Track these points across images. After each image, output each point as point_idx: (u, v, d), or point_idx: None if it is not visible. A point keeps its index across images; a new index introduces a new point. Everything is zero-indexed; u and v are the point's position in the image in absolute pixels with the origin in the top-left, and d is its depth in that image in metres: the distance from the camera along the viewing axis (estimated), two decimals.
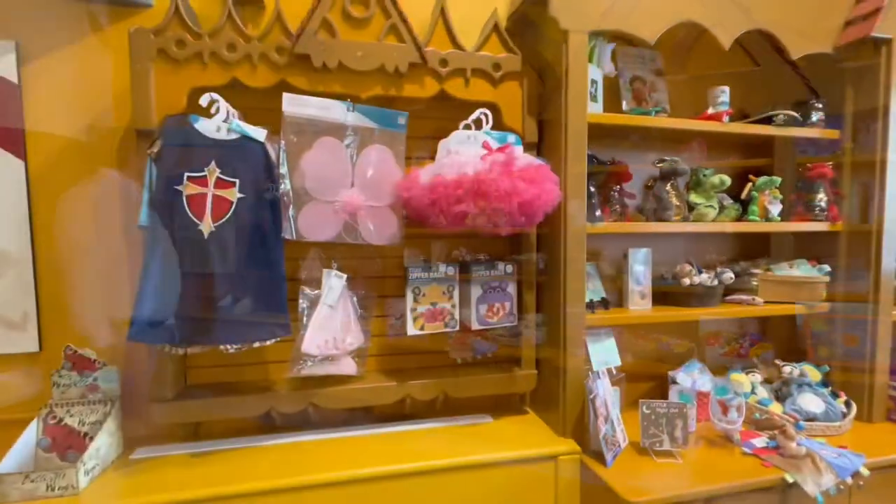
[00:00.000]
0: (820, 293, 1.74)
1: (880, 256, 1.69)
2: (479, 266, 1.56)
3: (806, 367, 1.83)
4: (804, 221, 1.78)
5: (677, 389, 1.69)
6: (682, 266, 1.71)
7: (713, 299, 1.72)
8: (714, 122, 1.63)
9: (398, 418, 1.66)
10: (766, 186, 1.71)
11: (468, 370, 1.67)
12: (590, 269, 1.71)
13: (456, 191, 1.27)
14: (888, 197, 1.68)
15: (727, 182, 1.69)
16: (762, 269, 1.85)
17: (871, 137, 1.69)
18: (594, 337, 1.68)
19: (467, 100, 1.56)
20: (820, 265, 1.80)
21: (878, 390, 1.72)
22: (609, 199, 1.67)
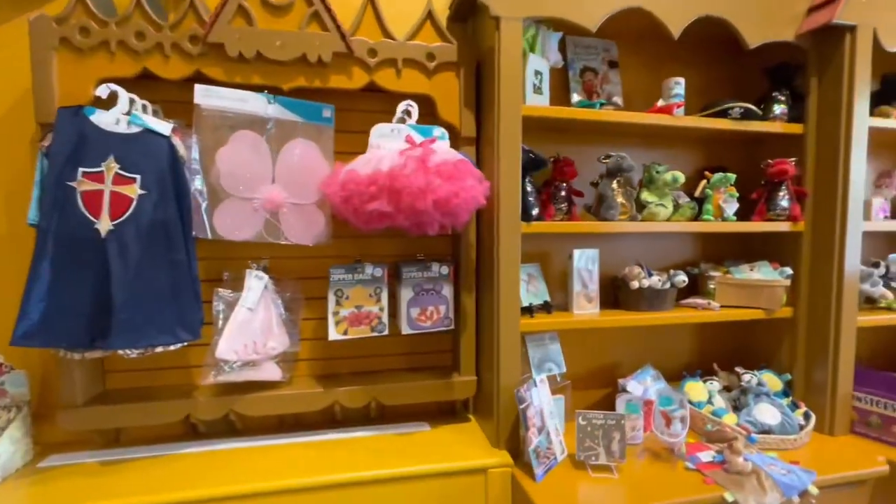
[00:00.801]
0: (779, 297, 1.64)
1: (843, 259, 1.59)
2: (410, 267, 1.48)
3: (767, 374, 1.73)
4: (765, 221, 1.68)
5: (625, 399, 1.60)
6: (631, 268, 1.62)
7: (665, 303, 1.63)
8: (663, 116, 1.53)
9: (332, 426, 1.59)
10: (721, 184, 1.61)
11: (402, 376, 1.59)
12: (533, 271, 1.62)
13: (368, 188, 1.19)
14: (851, 195, 1.57)
15: (680, 179, 1.59)
16: (721, 271, 1.75)
17: (835, 132, 1.58)
18: (536, 342, 1.60)
19: (400, 92, 1.48)
20: (782, 268, 1.70)
21: (840, 401, 1.62)
22: (554, 196, 1.58)
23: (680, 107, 1.54)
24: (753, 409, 1.59)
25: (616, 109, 1.61)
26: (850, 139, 1.56)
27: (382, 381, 1.56)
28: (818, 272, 1.65)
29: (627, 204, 1.55)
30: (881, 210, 1.67)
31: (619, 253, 1.79)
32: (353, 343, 1.55)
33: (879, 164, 2.03)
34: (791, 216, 1.65)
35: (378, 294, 1.45)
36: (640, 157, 1.76)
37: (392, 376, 1.59)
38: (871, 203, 1.66)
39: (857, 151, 1.56)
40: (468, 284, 1.59)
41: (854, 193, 1.57)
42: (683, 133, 1.76)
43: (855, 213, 1.58)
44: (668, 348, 1.92)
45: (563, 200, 1.59)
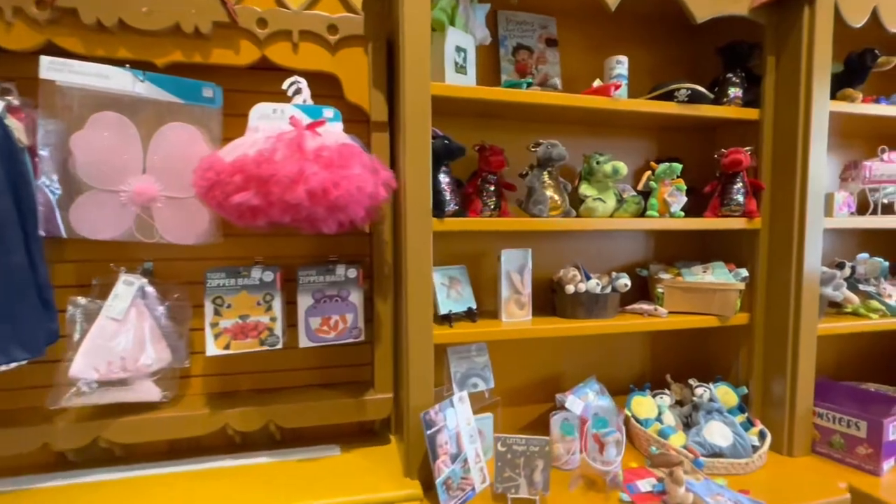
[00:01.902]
0: (733, 303, 1.47)
1: (802, 259, 1.42)
2: (308, 270, 1.29)
3: (722, 388, 1.57)
4: (718, 218, 1.51)
5: (561, 417, 1.42)
6: (566, 270, 1.44)
7: (606, 310, 1.45)
8: (600, 99, 1.35)
9: (233, 450, 1.40)
10: (666, 175, 1.44)
11: (308, 394, 1.40)
12: (457, 274, 1.44)
13: (232, 177, 1.00)
14: (810, 188, 1.41)
15: (621, 170, 1.42)
16: (672, 273, 1.58)
17: (793, 117, 1.42)
18: (460, 355, 1.42)
19: (299, 70, 1.30)
20: (738, 270, 1.53)
21: (799, 418, 1.46)
22: (482, 190, 1.40)
23: (618, 88, 1.37)
24: (704, 429, 1.42)
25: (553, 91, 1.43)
26: (808, 126, 1.39)
27: (283, 400, 1.37)
28: (776, 274, 1.49)
29: (559, 198, 1.37)
30: (845, 205, 1.51)
31: (559, 253, 1.62)
32: (256, 357, 1.37)
33: (848, 154, 1.87)
34: (746, 212, 1.48)
35: (269, 301, 1.26)
36: (584, 147, 1.59)
37: (295, 395, 1.40)
38: (832, 197, 1.49)
39: (816, 139, 1.40)
40: (383, 290, 1.40)
41: (814, 186, 1.41)
42: (631, 120, 1.59)
43: (815, 208, 1.41)
44: (617, 358, 1.75)
45: (492, 194, 1.41)
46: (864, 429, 1.36)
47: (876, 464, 1.34)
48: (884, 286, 1.67)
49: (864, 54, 1.44)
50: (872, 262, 1.78)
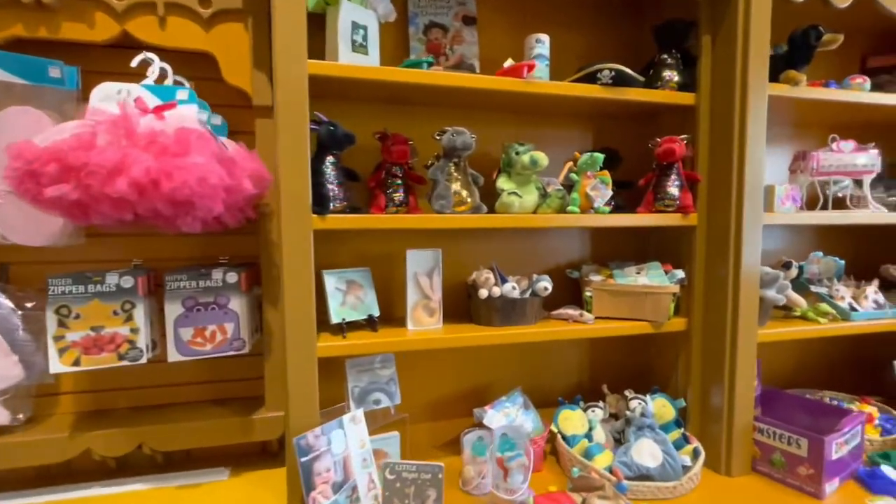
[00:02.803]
0: (665, 307, 1.33)
1: (739, 259, 1.29)
2: (178, 276, 1.14)
3: (659, 400, 1.43)
4: (652, 213, 1.37)
5: (475, 436, 1.28)
6: (479, 273, 1.30)
7: (525, 316, 1.31)
8: (512, 81, 1.21)
9: (111, 474, 1.25)
10: (588, 167, 1.30)
11: (188, 413, 1.26)
12: (358, 278, 1.29)
13: (45, 166, 0.85)
14: (748, 181, 1.27)
15: (540, 161, 1.27)
16: (604, 274, 1.44)
17: (728, 102, 1.28)
18: (360, 368, 1.27)
19: (169, 47, 1.15)
20: (674, 271, 1.39)
21: (738, 434, 1.32)
22: (387, 183, 1.26)
23: (532, 69, 1.22)
24: (632, 447, 1.29)
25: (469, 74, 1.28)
26: (745, 111, 1.26)
27: (160, 419, 1.22)
28: (714, 276, 1.35)
29: (467, 192, 1.22)
30: (788, 198, 1.38)
31: (479, 254, 1.47)
32: (136, 371, 1.22)
33: (806, 145, 1.74)
34: (681, 207, 1.34)
35: (128, 311, 1.10)
36: (512, 137, 1.44)
37: (175, 414, 1.25)
38: (773, 190, 1.36)
39: (754, 126, 1.26)
40: (272, 296, 1.26)
41: (751, 179, 1.27)
42: (561, 106, 1.44)
43: (753, 202, 1.28)
44: (552, 367, 1.61)
45: (398, 189, 1.26)
46: (805, 447, 1.23)
47: (817, 486, 1.21)
48: (836, 287, 1.54)
49: (807, 32, 1.30)
50: (827, 262, 1.66)
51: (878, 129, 1.87)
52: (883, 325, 1.48)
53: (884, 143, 1.89)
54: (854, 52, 1.86)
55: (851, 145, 1.41)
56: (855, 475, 1.30)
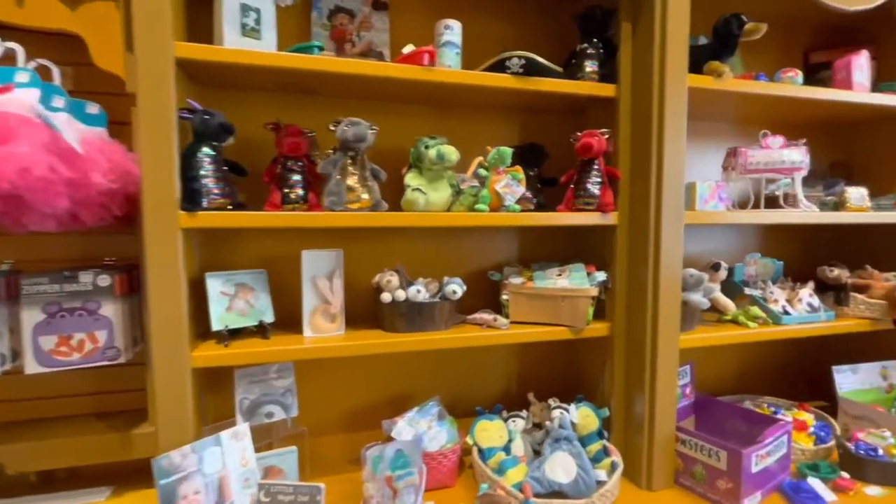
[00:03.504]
0: (583, 311, 1.26)
1: (659, 260, 1.22)
2: (38, 279, 1.03)
3: (583, 409, 1.35)
4: (572, 212, 1.30)
5: (376, 451, 1.19)
6: (382, 275, 1.21)
7: (433, 321, 1.22)
8: (414, 69, 1.12)
9: None
10: (497, 162, 1.22)
11: (56, 429, 1.15)
12: (248, 280, 1.19)
13: None
14: (667, 177, 1.20)
15: (449, 156, 1.19)
16: (525, 276, 1.36)
17: (647, 94, 1.21)
18: (252, 378, 1.18)
19: (29, 27, 1.04)
20: (597, 273, 1.32)
21: (660, 445, 1.25)
22: (283, 178, 1.17)
23: (433, 55, 1.13)
24: (547, 461, 1.21)
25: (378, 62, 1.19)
26: (663, 103, 1.19)
27: (21, 437, 1.11)
28: (636, 278, 1.28)
29: (363, 188, 1.13)
30: (714, 196, 1.31)
31: (393, 255, 1.38)
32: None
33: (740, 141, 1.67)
34: (600, 205, 1.27)
35: None
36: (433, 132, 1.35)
37: (42, 430, 1.15)
38: (695, 188, 1.29)
39: (673, 119, 1.19)
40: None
41: (671, 175, 1.20)
42: (480, 99, 1.36)
43: (672, 200, 1.21)
44: (478, 374, 1.53)
45: (297, 184, 1.17)
46: (724, 459, 1.16)
47: (736, 501, 1.14)
48: (771, 290, 1.48)
49: (728, 21, 1.24)
50: (764, 263, 1.60)
51: (823, 127, 1.83)
52: (815, 329, 1.42)
53: (828, 140, 1.85)
54: (796, 47, 1.81)
55: (780, 141, 1.35)
56: (780, 488, 1.24)
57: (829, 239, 1.86)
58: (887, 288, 1.47)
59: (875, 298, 1.49)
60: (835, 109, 1.57)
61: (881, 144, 1.75)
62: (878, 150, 1.75)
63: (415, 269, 1.37)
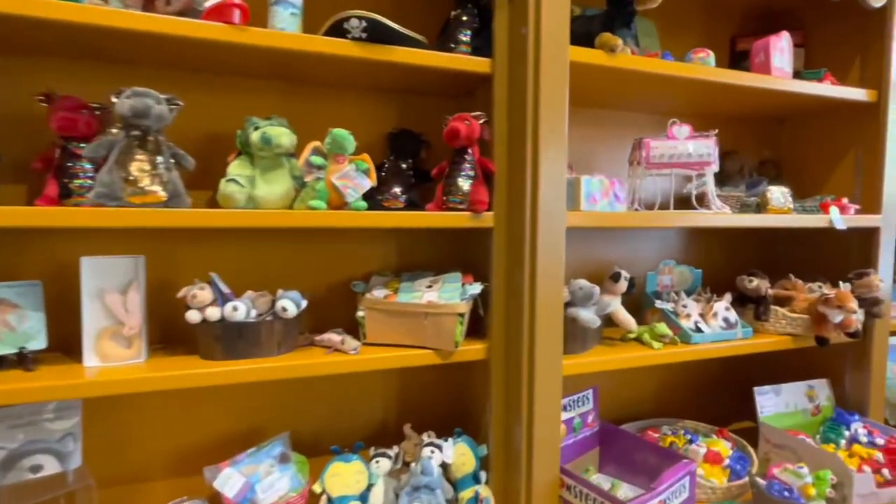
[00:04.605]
0: (449, 331, 1.04)
1: (535, 270, 1.01)
2: None
3: (461, 446, 1.14)
4: (441, 211, 1.08)
5: None
6: (189, 289, 0.97)
7: (259, 346, 0.99)
8: (205, 25, 0.88)
9: None
10: (336, 150, 0.99)
11: None
12: (9, 295, 0.93)
13: None
14: (544, 170, 1.00)
15: (277, 140, 0.96)
16: (391, 288, 1.14)
17: (522, 71, 1.01)
18: (14, 422, 0.92)
19: None
20: (473, 284, 1.11)
21: (540, 491, 1.04)
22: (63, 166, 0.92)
23: (244, 11, 0.90)
24: None
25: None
26: (539, 81, 0.98)
27: None
28: (513, 290, 1.07)
29: (153, 178, 0.89)
30: (607, 194, 1.11)
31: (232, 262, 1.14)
32: None
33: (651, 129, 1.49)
34: (472, 203, 1.06)
35: None
36: (281, 114, 1.12)
37: None
38: (579, 184, 1.09)
39: (550, 100, 0.99)
40: None
41: (549, 168, 1.00)
42: (344, 75, 1.13)
43: (552, 199, 1.00)
44: (347, 401, 1.29)
45: (82, 173, 0.93)
46: None
47: None
48: (684, 303, 1.30)
49: None
50: (681, 272, 1.42)
51: (753, 121, 1.68)
52: (728, 348, 1.24)
53: (759, 136, 1.70)
54: (723, 33, 1.66)
55: (686, 131, 1.16)
56: None
57: (756, 245, 1.71)
58: (810, 301, 1.30)
59: (798, 312, 1.32)
60: (758, 99, 1.40)
61: (811, 141, 1.60)
62: (808, 146, 1.61)
63: (257, 279, 1.14)
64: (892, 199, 1.37)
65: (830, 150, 1.53)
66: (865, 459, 1.26)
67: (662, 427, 1.48)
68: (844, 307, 1.22)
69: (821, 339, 1.28)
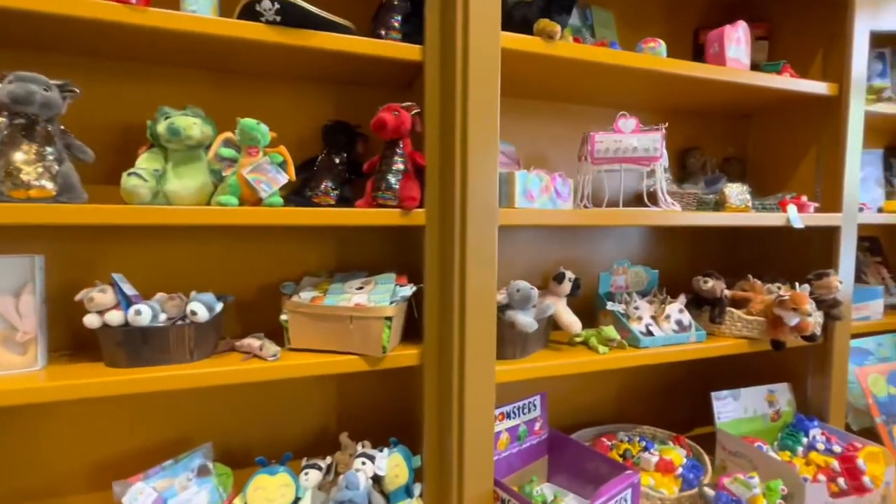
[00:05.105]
0: (376, 336, 0.98)
1: (465, 273, 0.95)
2: None
3: (395, 457, 1.08)
4: (372, 207, 1.01)
5: None
6: (87, 291, 0.90)
7: (167, 352, 0.92)
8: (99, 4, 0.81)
9: None
10: (248, 141, 0.92)
11: None
12: None
13: None
14: (472, 164, 0.94)
15: (185, 132, 0.89)
16: (320, 290, 1.07)
17: (451, 58, 0.94)
18: None
19: None
20: (407, 286, 1.04)
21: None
22: None
23: None
24: None
25: None
26: (467, 69, 0.92)
27: None
28: (446, 293, 1.01)
29: (39, 170, 0.82)
30: (546, 191, 1.04)
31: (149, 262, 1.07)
32: None
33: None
34: (401, 199, 0.99)
35: None
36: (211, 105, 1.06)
37: None
38: (513, 179, 1.02)
39: (479, 89, 0.92)
40: None
41: (478, 162, 0.94)
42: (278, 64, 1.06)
43: (481, 194, 0.94)
44: (285, 408, 1.23)
45: None
46: None
47: None
48: (636, 304, 1.24)
49: None
50: (636, 272, 1.36)
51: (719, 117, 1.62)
52: (680, 352, 1.18)
53: (724, 133, 1.65)
54: (687, 25, 1.60)
55: (633, 124, 1.10)
56: None
57: (721, 245, 1.65)
58: (767, 303, 1.25)
59: (755, 314, 1.27)
60: (717, 92, 1.35)
61: (776, 137, 1.54)
62: (773, 143, 1.55)
63: (181, 280, 1.08)
64: (852, 198, 1.32)
65: (794, 147, 1.48)
66: (822, 468, 1.22)
67: (619, 433, 1.43)
68: (799, 309, 1.16)
69: (776, 343, 1.23)
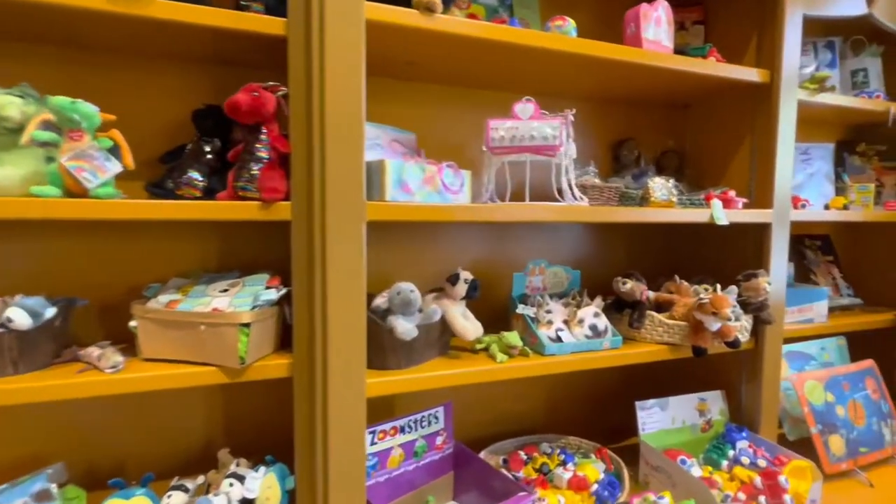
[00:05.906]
0: (231, 345, 0.87)
1: (326, 274, 0.84)
2: None
3: (269, 476, 0.97)
4: (231, 200, 0.91)
5: None
6: None
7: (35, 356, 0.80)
8: None
9: None
10: (67, 123, 0.81)
11: None
12: None
13: None
14: (330, 151, 0.83)
15: (4, 113, 0.79)
16: (181, 293, 0.96)
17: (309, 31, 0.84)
18: None
19: None
20: (279, 287, 0.94)
21: None
22: None
23: None
24: None
25: None
26: (324, 44, 0.81)
27: None
28: (312, 295, 0.91)
29: None
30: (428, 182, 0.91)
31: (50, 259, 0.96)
32: None
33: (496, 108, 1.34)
34: (261, 191, 0.88)
35: None
36: (62, 85, 0.94)
37: None
38: (384, 168, 0.91)
39: (337, 68, 0.82)
40: None
41: (339, 148, 0.83)
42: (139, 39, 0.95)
43: (344, 186, 0.84)
44: (164, 420, 1.11)
45: None
46: None
47: None
48: (548, 308, 1.14)
49: None
50: (555, 272, 1.26)
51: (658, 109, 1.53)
52: (589, 360, 1.08)
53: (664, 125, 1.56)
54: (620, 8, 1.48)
55: (531, 109, 1.00)
56: None
57: (661, 243, 1.56)
58: (689, 306, 1.15)
59: (677, 318, 1.18)
60: (643, 80, 1.25)
61: (712, 128, 1.45)
62: (709, 135, 1.46)
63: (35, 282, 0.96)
64: (784, 193, 1.23)
65: (729, 139, 1.39)
66: (746, 484, 1.13)
67: (542, 444, 1.33)
68: (719, 314, 1.07)
69: (697, 350, 1.14)
